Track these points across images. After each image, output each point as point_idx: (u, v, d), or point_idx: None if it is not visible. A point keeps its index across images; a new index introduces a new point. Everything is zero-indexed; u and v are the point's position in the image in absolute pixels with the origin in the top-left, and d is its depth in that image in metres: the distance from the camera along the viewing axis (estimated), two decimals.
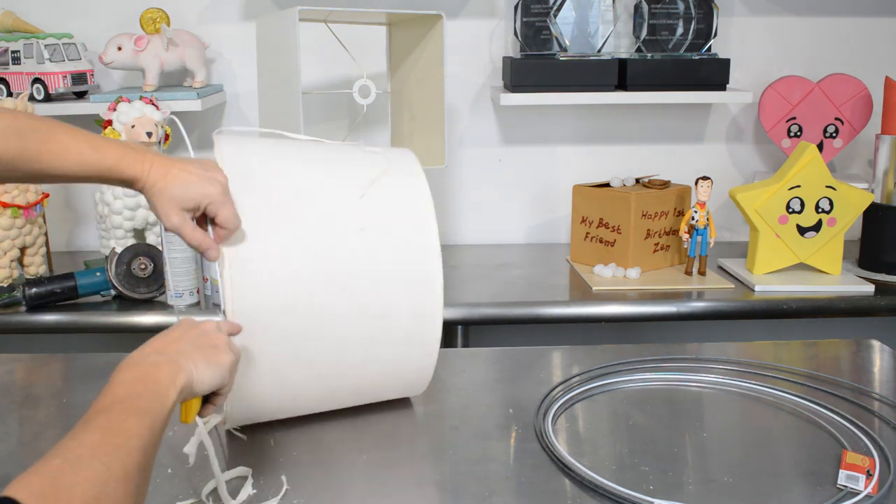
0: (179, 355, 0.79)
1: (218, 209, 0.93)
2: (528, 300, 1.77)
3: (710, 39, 2.07)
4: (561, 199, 2.25)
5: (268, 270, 0.97)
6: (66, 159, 0.89)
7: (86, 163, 0.89)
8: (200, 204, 0.92)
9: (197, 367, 0.80)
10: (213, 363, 0.82)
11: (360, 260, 1.01)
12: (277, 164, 1.04)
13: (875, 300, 1.78)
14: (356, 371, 1.05)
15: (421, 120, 1.90)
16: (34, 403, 1.21)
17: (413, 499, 0.94)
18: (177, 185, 0.91)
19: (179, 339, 0.83)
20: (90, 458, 0.62)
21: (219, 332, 0.87)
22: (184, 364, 0.78)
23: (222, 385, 0.85)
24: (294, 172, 1.03)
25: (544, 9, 2.04)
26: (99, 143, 0.90)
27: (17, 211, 1.76)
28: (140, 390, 0.72)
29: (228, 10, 2.13)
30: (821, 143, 2.15)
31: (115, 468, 0.63)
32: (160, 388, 0.74)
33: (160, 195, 0.91)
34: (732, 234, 2.28)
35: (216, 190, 0.93)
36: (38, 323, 1.68)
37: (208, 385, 0.81)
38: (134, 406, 0.70)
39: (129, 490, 0.63)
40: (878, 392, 1.21)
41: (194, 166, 0.94)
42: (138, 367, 0.76)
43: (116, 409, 0.68)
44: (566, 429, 1.10)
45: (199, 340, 0.84)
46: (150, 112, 1.85)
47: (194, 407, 0.84)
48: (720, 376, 1.26)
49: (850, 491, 0.93)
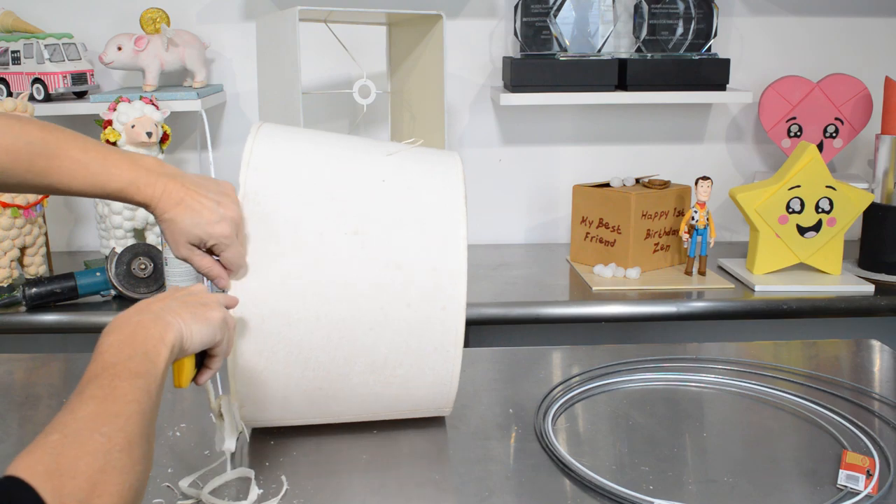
0: (166, 311, 0.77)
1: (223, 250, 0.92)
2: (528, 300, 1.78)
3: (710, 39, 2.07)
4: (561, 199, 2.25)
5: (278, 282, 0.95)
6: (75, 178, 0.86)
7: (95, 183, 0.86)
8: (206, 242, 0.91)
9: (185, 322, 0.77)
10: (202, 318, 0.80)
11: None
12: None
13: (875, 300, 1.78)
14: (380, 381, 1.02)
15: (421, 120, 1.90)
16: (34, 403, 1.21)
17: (413, 499, 0.94)
18: (186, 219, 0.89)
19: (165, 299, 0.80)
20: (89, 431, 0.61)
21: (208, 293, 0.85)
22: (171, 320, 0.76)
23: (214, 342, 0.82)
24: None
25: (544, 9, 2.05)
26: (111, 163, 0.87)
27: (17, 211, 1.76)
28: (129, 353, 0.69)
29: (228, 10, 2.13)
30: (821, 143, 2.15)
31: (117, 437, 0.61)
32: (149, 347, 0.71)
33: (170, 225, 0.89)
34: (732, 234, 2.28)
35: (224, 231, 0.91)
36: (38, 323, 1.68)
37: (199, 341, 0.79)
38: (125, 370, 0.67)
39: (134, 456, 0.62)
40: (878, 392, 1.21)
41: (208, 199, 0.90)
42: (123, 328, 0.73)
43: (108, 376, 0.66)
44: (566, 429, 1.10)
45: (186, 299, 0.82)
46: (150, 112, 1.85)
47: (187, 369, 0.81)
48: (720, 376, 1.26)
49: (850, 491, 0.93)
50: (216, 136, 2.21)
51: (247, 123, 2.19)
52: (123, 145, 1.84)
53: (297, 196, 0.98)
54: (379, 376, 1.00)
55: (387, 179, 1.01)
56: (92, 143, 0.88)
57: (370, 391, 1.02)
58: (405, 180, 1.02)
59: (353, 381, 1.00)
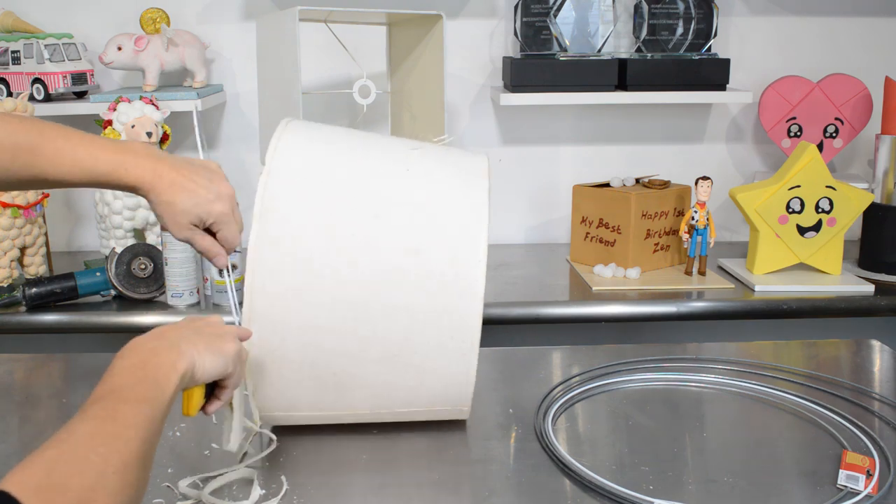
0: (181, 340, 0.77)
1: (221, 228, 0.93)
2: (529, 300, 1.78)
3: (710, 39, 2.07)
4: (561, 199, 2.25)
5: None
6: (62, 165, 0.86)
7: (83, 169, 0.86)
8: (206, 221, 0.92)
9: (199, 352, 0.78)
10: (216, 349, 0.80)
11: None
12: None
13: (875, 300, 1.78)
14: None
15: (421, 120, 1.90)
16: (34, 403, 1.21)
17: (413, 499, 0.94)
18: (184, 199, 0.89)
19: (181, 327, 0.81)
20: (85, 450, 0.61)
21: (224, 325, 0.86)
22: (185, 348, 0.76)
23: (226, 374, 0.82)
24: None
25: (544, 9, 2.05)
26: (96, 147, 0.87)
27: (17, 211, 1.76)
28: (139, 377, 0.70)
29: (228, 10, 2.13)
30: (821, 143, 2.15)
31: (112, 458, 0.61)
32: (160, 374, 0.72)
33: (168, 207, 0.89)
34: (732, 234, 2.28)
35: (223, 208, 0.91)
36: (38, 323, 1.68)
37: (210, 372, 0.79)
38: (132, 395, 0.68)
39: (127, 480, 0.62)
40: (878, 392, 1.21)
41: (201, 177, 0.91)
42: (137, 353, 0.74)
43: (112, 399, 0.67)
44: (566, 429, 1.10)
45: (203, 329, 0.82)
46: (150, 112, 1.85)
47: (197, 398, 0.82)
48: (720, 376, 1.26)
49: (850, 491, 0.93)
50: (216, 136, 2.21)
51: (247, 123, 2.19)
52: None
53: (319, 178, 0.98)
54: (394, 364, 0.99)
55: (411, 169, 1.01)
56: (75, 132, 0.88)
57: (384, 380, 1.00)
58: (429, 170, 1.02)
59: (368, 368, 0.99)
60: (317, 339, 0.97)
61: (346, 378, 1.00)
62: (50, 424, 1.14)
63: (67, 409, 1.18)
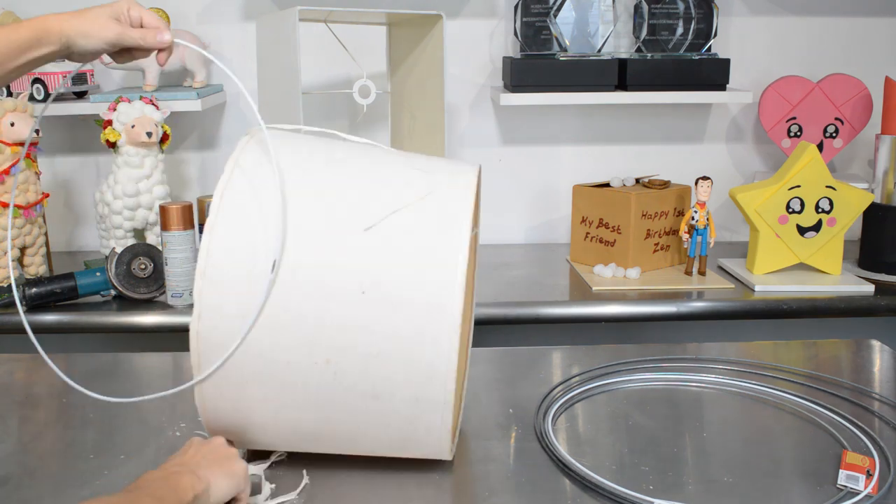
0: (199, 467, 0.86)
1: (142, 14, 0.97)
2: (528, 300, 1.78)
3: (710, 39, 2.07)
4: (561, 199, 2.25)
5: None
6: None
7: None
8: (119, 18, 0.95)
9: (215, 477, 0.85)
10: (229, 473, 0.88)
11: None
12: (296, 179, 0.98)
13: (875, 300, 1.78)
14: None
15: (421, 120, 1.90)
16: (34, 403, 1.21)
17: (413, 499, 0.94)
18: (86, 20, 0.93)
19: (196, 455, 0.89)
20: None
21: (226, 446, 0.92)
22: (202, 474, 0.84)
23: (238, 492, 0.89)
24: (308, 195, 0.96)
25: (544, 9, 2.05)
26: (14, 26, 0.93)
27: (18, 211, 1.76)
28: (161, 486, 0.79)
29: (228, 10, 2.13)
30: (821, 143, 2.15)
31: None
32: (180, 487, 0.80)
33: (84, 21, 0.93)
34: (732, 234, 2.28)
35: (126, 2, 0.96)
36: (38, 323, 1.68)
37: (225, 493, 0.86)
38: (151, 494, 0.77)
39: None
40: (878, 392, 1.21)
41: (89, 10, 0.95)
42: (161, 472, 0.83)
43: (134, 496, 0.76)
44: (566, 429, 1.10)
45: (212, 455, 0.89)
46: (150, 112, 1.85)
47: None
48: (720, 376, 1.26)
49: (850, 491, 0.93)
50: (216, 136, 2.21)
51: (247, 123, 2.19)
52: (123, 146, 1.84)
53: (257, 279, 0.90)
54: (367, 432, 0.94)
55: (367, 292, 0.89)
56: None
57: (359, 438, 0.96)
58: (387, 294, 0.89)
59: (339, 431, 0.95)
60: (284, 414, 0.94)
61: (317, 421, 0.95)
62: (50, 424, 1.14)
63: (67, 409, 1.18)
